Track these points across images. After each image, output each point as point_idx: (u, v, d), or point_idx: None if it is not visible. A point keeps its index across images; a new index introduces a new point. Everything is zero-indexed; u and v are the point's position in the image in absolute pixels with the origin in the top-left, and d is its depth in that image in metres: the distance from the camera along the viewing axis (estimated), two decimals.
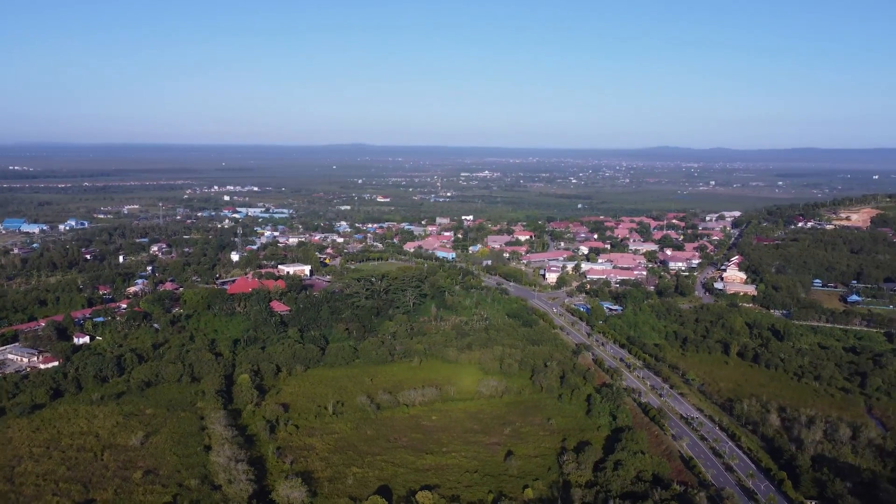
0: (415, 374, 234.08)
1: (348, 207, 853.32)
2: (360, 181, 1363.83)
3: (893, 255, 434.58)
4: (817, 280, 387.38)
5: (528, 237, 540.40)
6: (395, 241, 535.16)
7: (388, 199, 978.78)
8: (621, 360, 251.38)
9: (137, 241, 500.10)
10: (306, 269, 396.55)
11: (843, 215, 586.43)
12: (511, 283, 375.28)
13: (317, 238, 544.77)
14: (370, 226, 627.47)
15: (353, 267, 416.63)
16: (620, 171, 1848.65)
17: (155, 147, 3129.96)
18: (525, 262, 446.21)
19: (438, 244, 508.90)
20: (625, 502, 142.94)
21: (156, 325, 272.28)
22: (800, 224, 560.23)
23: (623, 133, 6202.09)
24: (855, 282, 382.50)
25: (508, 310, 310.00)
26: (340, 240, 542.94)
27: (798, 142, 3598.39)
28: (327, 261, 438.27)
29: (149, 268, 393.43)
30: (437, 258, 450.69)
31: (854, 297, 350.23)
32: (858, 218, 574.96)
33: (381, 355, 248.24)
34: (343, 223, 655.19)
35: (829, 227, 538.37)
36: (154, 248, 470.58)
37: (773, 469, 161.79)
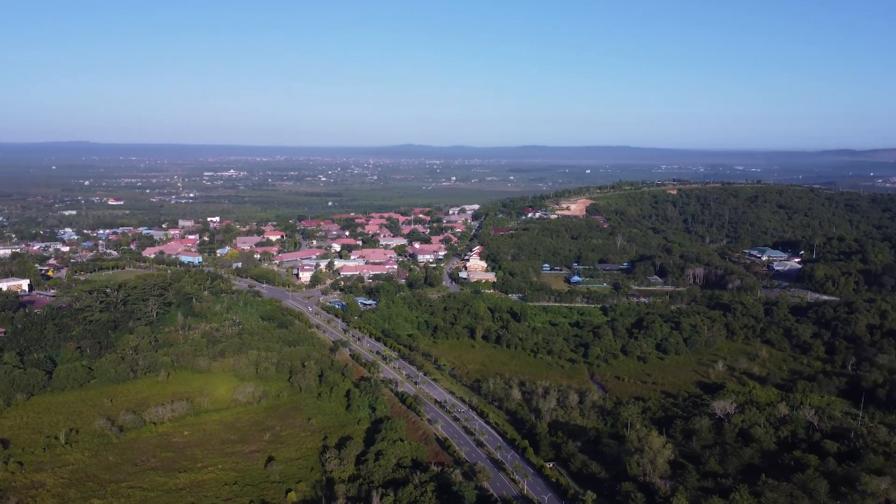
0: (162, 388, 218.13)
1: (74, 212, 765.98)
2: (86, 183, 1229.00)
3: (605, 239, 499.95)
4: (546, 264, 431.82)
5: (279, 237, 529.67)
6: (132, 247, 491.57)
7: (121, 202, 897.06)
8: (378, 352, 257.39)
9: None
10: (24, 283, 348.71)
11: (564, 206, 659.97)
12: (264, 285, 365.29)
13: (36, 248, 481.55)
14: (102, 232, 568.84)
15: (83, 278, 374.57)
16: (368, 169, 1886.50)
17: None
18: (277, 262, 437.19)
19: (182, 248, 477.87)
20: (387, 490, 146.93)
21: None
22: (529, 215, 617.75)
23: (369, 131, 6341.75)
24: (576, 264, 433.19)
25: (262, 312, 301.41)
26: (66, 249, 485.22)
27: (526, 140, 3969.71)
28: (50, 273, 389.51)
29: None
30: (181, 263, 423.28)
31: (576, 278, 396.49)
32: (576, 208, 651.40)
33: (121, 372, 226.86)
34: (68, 230, 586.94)
35: (553, 216, 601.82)
36: None
37: (517, 439, 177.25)
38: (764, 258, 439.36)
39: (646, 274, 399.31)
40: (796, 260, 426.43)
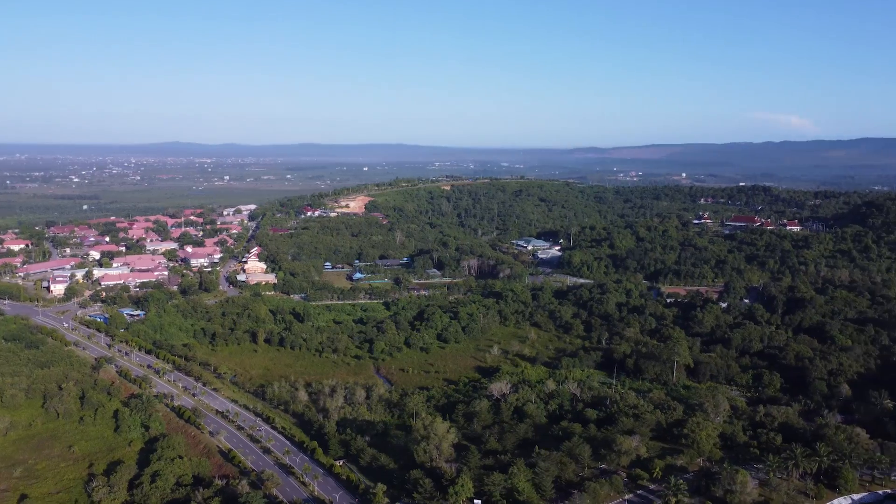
0: None
1: None
2: None
3: (384, 235, 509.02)
4: (328, 263, 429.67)
5: (23, 246, 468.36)
6: None
7: None
8: (149, 366, 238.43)
9: None
10: None
11: (344, 203, 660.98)
12: (6, 302, 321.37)
13: None
14: None
15: None
16: (130, 168, 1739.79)
17: None
18: (22, 274, 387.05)
19: None
20: None
21: None
22: (309, 213, 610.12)
23: (130, 127, 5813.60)
24: (357, 261, 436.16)
25: (5, 332, 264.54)
26: None
27: (302, 138, 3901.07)
28: None
29: None
30: None
31: (358, 275, 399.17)
32: (355, 205, 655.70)
33: None
34: None
35: (333, 214, 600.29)
36: None
37: (306, 441, 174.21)
38: (529, 247, 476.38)
39: (425, 267, 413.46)
40: (557, 248, 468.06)
